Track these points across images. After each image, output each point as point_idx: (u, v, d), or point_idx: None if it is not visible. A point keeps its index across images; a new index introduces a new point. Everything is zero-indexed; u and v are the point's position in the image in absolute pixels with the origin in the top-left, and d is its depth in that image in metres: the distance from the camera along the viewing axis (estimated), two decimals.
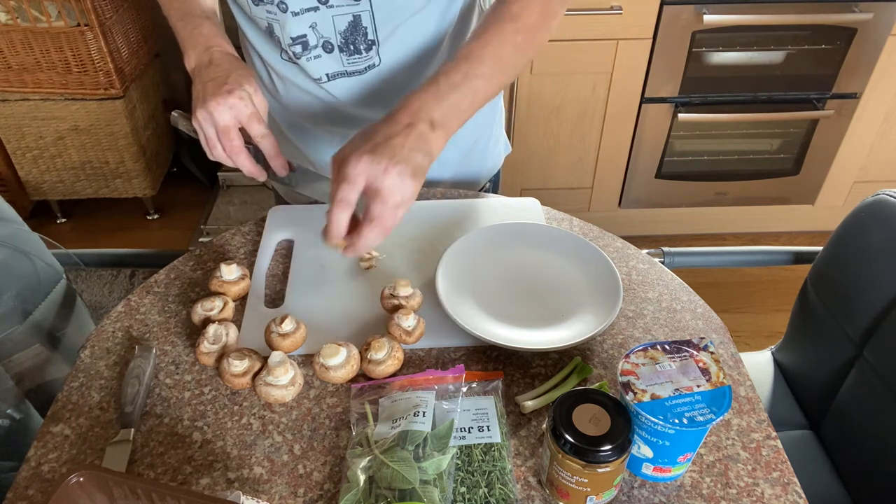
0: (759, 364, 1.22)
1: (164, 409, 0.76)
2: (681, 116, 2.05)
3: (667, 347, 0.69)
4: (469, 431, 0.72)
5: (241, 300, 0.89)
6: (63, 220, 2.49)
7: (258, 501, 0.66)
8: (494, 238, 0.94)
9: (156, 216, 2.51)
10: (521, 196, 1.06)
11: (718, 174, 2.23)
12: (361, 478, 0.66)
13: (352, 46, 0.89)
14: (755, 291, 2.22)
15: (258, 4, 0.87)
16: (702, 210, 2.35)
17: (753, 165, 2.22)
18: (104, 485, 0.57)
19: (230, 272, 0.88)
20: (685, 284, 0.92)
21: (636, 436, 0.65)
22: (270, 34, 0.91)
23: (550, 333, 0.82)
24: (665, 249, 1.16)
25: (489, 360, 0.82)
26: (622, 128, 2.11)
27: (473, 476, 0.68)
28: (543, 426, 0.74)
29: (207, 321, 0.83)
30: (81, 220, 2.51)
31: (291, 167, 0.86)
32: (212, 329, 0.80)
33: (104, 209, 2.49)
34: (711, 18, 1.86)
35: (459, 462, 0.69)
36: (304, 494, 0.68)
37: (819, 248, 1.10)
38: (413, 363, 0.81)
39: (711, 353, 0.68)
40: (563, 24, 1.87)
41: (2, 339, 1.01)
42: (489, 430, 0.72)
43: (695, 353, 0.68)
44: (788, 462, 0.71)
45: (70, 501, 0.56)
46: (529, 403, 0.75)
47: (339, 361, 0.77)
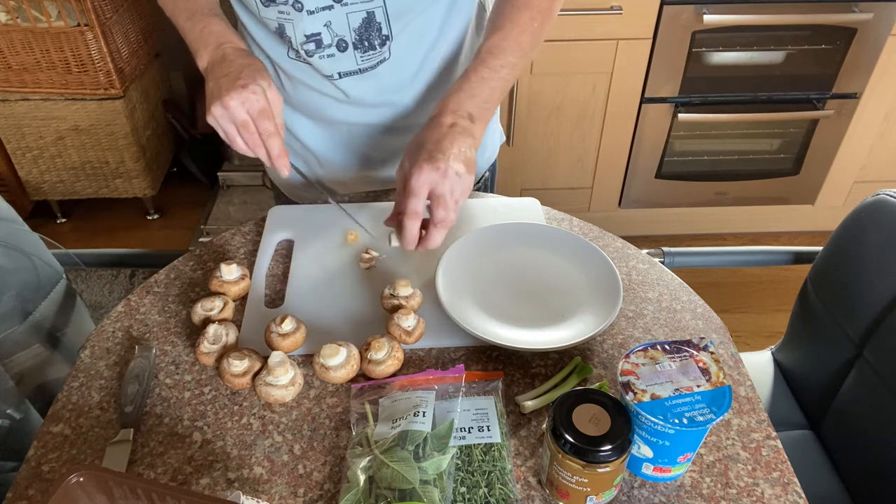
0: (759, 364, 1.22)
1: (164, 409, 0.76)
2: (681, 116, 2.04)
3: (667, 347, 0.69)
4: (469, 431, 0.72)
5: (241, 300, 0.89)
6: (63, 220, 2.49)
7: (258, 501, 0.66)
8: (494, 238, 0.94)
9: (156, 216, 2.51)
10: (521, 196, 1.06)
11: (718, 174, 2.23)
12: (361, 478, 0.66)
13: (366, 42, 0.90)
14: (755, 291, 2.22)
15: (268, 6, 0.87)
16: (702, 210, 2.35)
17: (753, 165, 2.22)
18: (104, 485, 0.57)
19: (230, 272, 0.88)
20: (685, 284, 0.92)
21: (636, 436, 0.65)
22: (281, 35, 0.90)
23: (550, 333, 0.82)
24: (665, 249, 1.16)
25: (489, 360, 0.82)
26: (622, 128, 2.11)
27: (473, 476, 0.68)
28: (543, 426, 0.74)
29: (207, 321, 0.83)
30: (81, 220, 2.50)
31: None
32: (212, 329, 0.80)
33: (104, 209, 2.49)
34: (711, 18, 1.86)
35: (459, 462, 0.69)
36: (304, 494, 0.68)
37: (819, 248, 1.10)
38: (413, 363, 0.81)
39: (711, 353, 0.68)
40: (563, 24, 1.87)
41: (2, 339, 1.01)
42: (489, 430, 0.72)
43: (695, 353, 0.68)
44: (788, 462, 0.71)
45: (70, 501, 0.56)
46: (529, 403, 0.75)
47: (339, 361, 0.77)
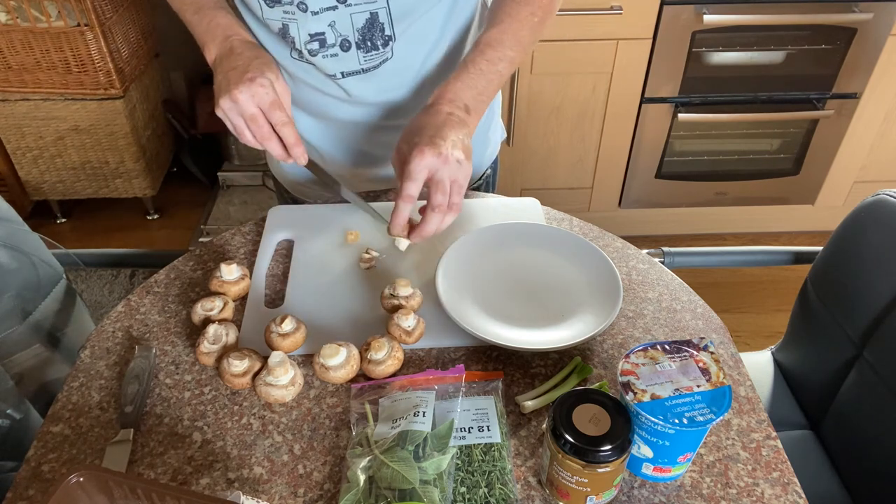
0: (759, 364, 1.22)
1: (164, 409, 0.76)
2: (681, 116, 2.04)
3: (667, 347, 0.69)
4: (469, 431, 0.72)
5: (241, 300, 0.89)
6: (63, 220, 2.49)
7: (258, 501, 0.66)
8: (494, 238, 0.94)
9: (156, 216, 2.51)
10: (521, 196, 1.06)
11: (718, 174, 2.23)
12: (361, 478, 0.66)
13: (369, 43, 0.90)
14: (755, 291, 2.22)
15: (273, 6, 0.87)
16: (702, 210, 2.35)
17: (753, 165, 2.22)
18: (104, 485, 0.57)
19: (230, 272, 0.88)
20: (685, 284, 0.92)
21: (636, 436, 0.65)
22: (284, 35, 0.90)
23: (550, 333, 0.82)
24: (665, 249, 1.16)
25: (489, 360, 0.82)
26: (622, 128, 2.11)
27: (473, 476, 0.68)
28: (543, 426, 0.74)
29: (207, 321, 0.83)
30: (81, 220, 2.51)
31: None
32: (212, 329, 0.80)
33: (104, 209, 2.49)
34: (711, 18, 1.86)
35: (459, 462, 0.69)
36: (304, 494, 0.68)
37: (819, 248, 1.10)
38: (413, 363, 0.81)
39: (711, 353, 0.68)
40: (563, 24, 1.87)
41: (2, 339, 1.01)
42: (489, 430, 0.72)
43: (695, 353, 0.68)
44: (788, 462, 0.71)
45: (70, 501, 0.56)
46: (529, 403, 0.75)
47: (339, 361, 0.77)
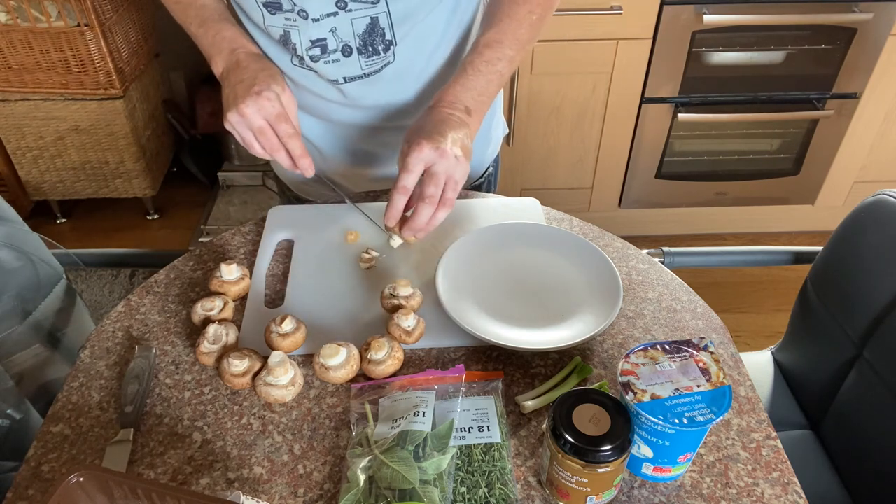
0: (759, 364, 1.22)
1: (164, 409, 0.76)
2: (681, 116, 2.04)
3: (667, 347, 0.69)
4: (469, 431, 0.72)
5: (241, 300, 0.89)
6: (63, 220, 2.49)
7: (258, 501, 0.66)
8: (494, 238, 0.94)
9: (156, 216, 2.51)
10: (521, 196, 1.06)
11: (718, 174, 2.23)
12: (361, 478, 0.66)
13: (370, 48, 0.90)
14: (755, 291, 2.22)
15: (274, 14, 0.87)
16: (702, 210, 2.35)
17: (753, 165, 2.22)
18: (104, 485, 0.57)
19: (230, 272, 0.88)
20: (685, 284, 0.92)
21: (636, 436, 0.65)
22: (285, 42, 0.91)
23: (550, 333, 0.82)
24: (665, 249, 1.16)
25: (489, 360, 0.82)
26: (622, 128, 2.11)
27: (473, 476, 0.68)
28: (543, 426, 0.74)
29: (207, 321, 0.83)
30: (81, 220, 2.50)
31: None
32: (212, 329, 0.80)
33: (104, 209, 2.49)
34: (711, 18, 1.86)
35: (459, 462, 0.69)
36: (304, 494, 0.68)
37: (819, 248, 1.10)
38: (413, 363, 0.81)
39: (711, 353, 0.68)
40: (563, 24, 1.87)
41: (2, 339, 1.01)
42: (489, 430, 0.72)
43: (695, 353, 0.68)
44: (788, 462, 0.71)
45: (70, 501, 0.56)
46: (529, 403, 0.75)
47: (339, 361, 0.77)
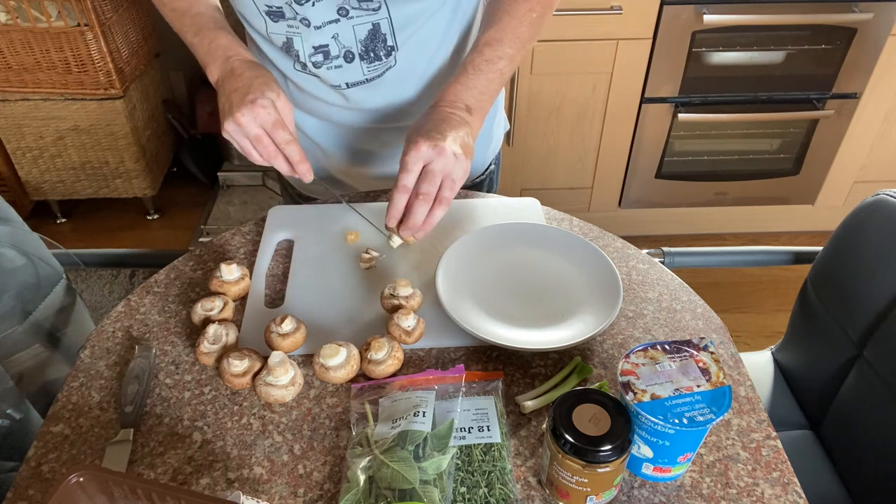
0: (759, 364, 1.22)
1: (164, 409, 0.76)
2: (681, 116, 2.04)
3: (667, 347, 0.69)
4: (469, 431, 0.72)
5: (241, 300, 0.89)
6: (63, 220, 2.49)
7: (258, 501, 0.66)
8: (494, 238, 0.94)
9: (156, 216, 2.51)
10: (521, 196, 1.06)
11: (718, 174, 2.23)
12: (361, 478, 0.66)
13: (372, 54, 0.91)
14: (755, 291, 2.22)
15: (277, 21, 0.88)
16: (702, 210, 2.35)
17: (753, 165, 2.22)
18: (104, 485, 0.57)
19: (230, 272, 0.88)
20: (685, 284, 0.92)
21: (636, 436, 0.65)
22: (288, 49, 0.91)
23: (550, 333, 0.82)
24: (665, 249, 1.16)
25: (489, 360, 0.82)
26: (622, 128, 2.11)
27: (473, 476, 0.68)
28: (543, 426, 0.74)
29: (207, 321, 0.83)
30: (81, 220, 2.50)
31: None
32: (212, 329, 0.80)
33: (104, 209, 2.49)
34: (711, 18, 1.86)
35: (459, 462, 0.69)
36: (304, 494, 0.68)
37: (819, 248, 1.10)
38: (413, 363, 0.81)
39: (711, 353, 0.68)
40: (563, 24, 1.87)
41: (2, 339, 1.01)
42: (489, 430, 0.72)
43: (695, 353, 0.68)
44: (788, 462, 0.71)
45: (70, 501, 0.56)
46: (529, 403, 0.75)
47: (339, 361, 0.77)
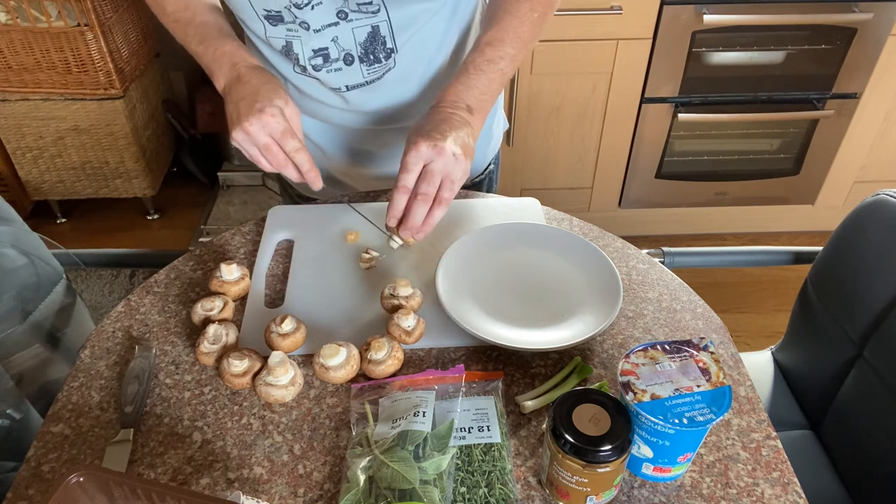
0: (759, 364, 1.22)
1: (164, 409, 0.76)
2: (681, 116, 2.04)
3: (667, 347, 0.69)
4: (469, 431, 0.72)
5: (241, 300, 0.89)
6: (63, 220, 2.49)
7: (258, 501, 0.66)
8: (494, 238, 0.94)
9: (156, 216, 2.51)
10: (521, 196, 1.06)
11: (718, 174, 2.23)
12: (361, 478, 0.66)
13: (371, 56, 0.90)
14: (755, 291, 2.22)
15: (276, 25, 0.87)
16: (702, 210, 2.35)
17: (753, 165, 2.22)
18: (104, 485, 0.57)
19: (230, 272, 0.88)
20: (685, 284, 0.92)
21: (636, 436, 0.65)
22: (287, 53, 0.91)
23: (550, 333, 0.82)
24: (665, 249, 1.16)
25: (489, 360, 0.82)
26: (622, 128, 2.11)
27: (473, 476, 0.68)
28: (543, 426, 0.74)
29: (207, 321, 0.83)
30: (81, 220, 2.50)
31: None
32: (212, 329, 0.80)
33: (104, 209, 2.49)
34: (711, 18, 1.86)
35: (459, 462, 0.69)
36: (304, 494, 0.68)
37: (819, 248, 1.10)
38: (413, 363, 0.81)
39: (711, 353, 0.68)
40: (563, 24, 1.87)
41: (2, 339, 1.01)
42: (489, 430, 0.72)
43: (695, 353, 0.68)
44: (788, 462, 0.71)
45: (70, 501, 0.56)
46: (529, 403, 0.75)
47: (339, 361, 0.77)
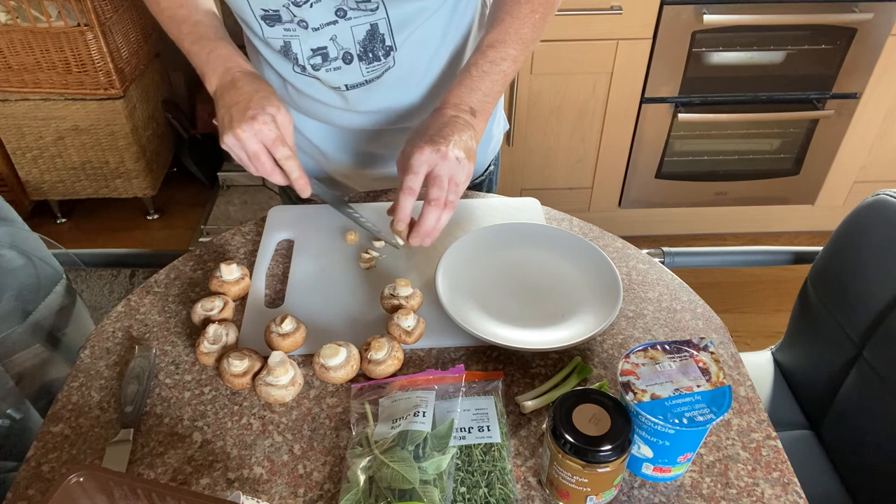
0: (759, 364, 1.22)
1: (164, 409, 0.76)
2: (681, 116, 2.04)
3: (667, 347, 0.69)
4: (469, 431, 0.72)
5: (241, 300, 0.89)
6: (63, 220, 2.49)
7: (258, 501, 0.66)
8: (494, 238, 0.94)
9: (156, 216, 2.51)
10: (521, 196, 1.06)
11: (718, 174, 2.23)
12: (361, 478, 0.66)
13: (370, 54, 0.90)
14: (755, 291, 2.22)
15: (273, 25, 0.87)
16: (702, 210, 2.35)
17: (753, 165, 2.22)
18: (104, 485, 0.57)
19: (230, 272, 0.88)
20: (685, 284, 0.92)
21: (636, 436, 0.65)
22: (286, 53, 0.91)
23: (550, 333, 0.82)
24: (665, 249, 1.16)
25: (489, 360, 0.82)
26: (622, 128, 2.11)
27: (473, 476, 0.68)
28: (543, 426, 0.74)
29: (207, 321, 0.83)
30: (81, 220, 2.50)
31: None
32: (212, 329, 0.80)
33: (104, 209, 2.49)
34: (711, 18, 1.86)
35: (459, 462, 0.69)
36: (304, 494, 0.68)
37: (819, 248, 1.10)
38: (413, 363, 0.81)
39: (711, 353, 0.68)
40: (563, 24, 1.87)
41: (2, 339, 1.01)
42: (489, 430, 0.72)
43: (695, 353, 0.68)
44: (788, 462, 0.71)
45: (70, 501, 0.56)
46: (529, 403, 0.75)
47: (339, 361, 0.77)
